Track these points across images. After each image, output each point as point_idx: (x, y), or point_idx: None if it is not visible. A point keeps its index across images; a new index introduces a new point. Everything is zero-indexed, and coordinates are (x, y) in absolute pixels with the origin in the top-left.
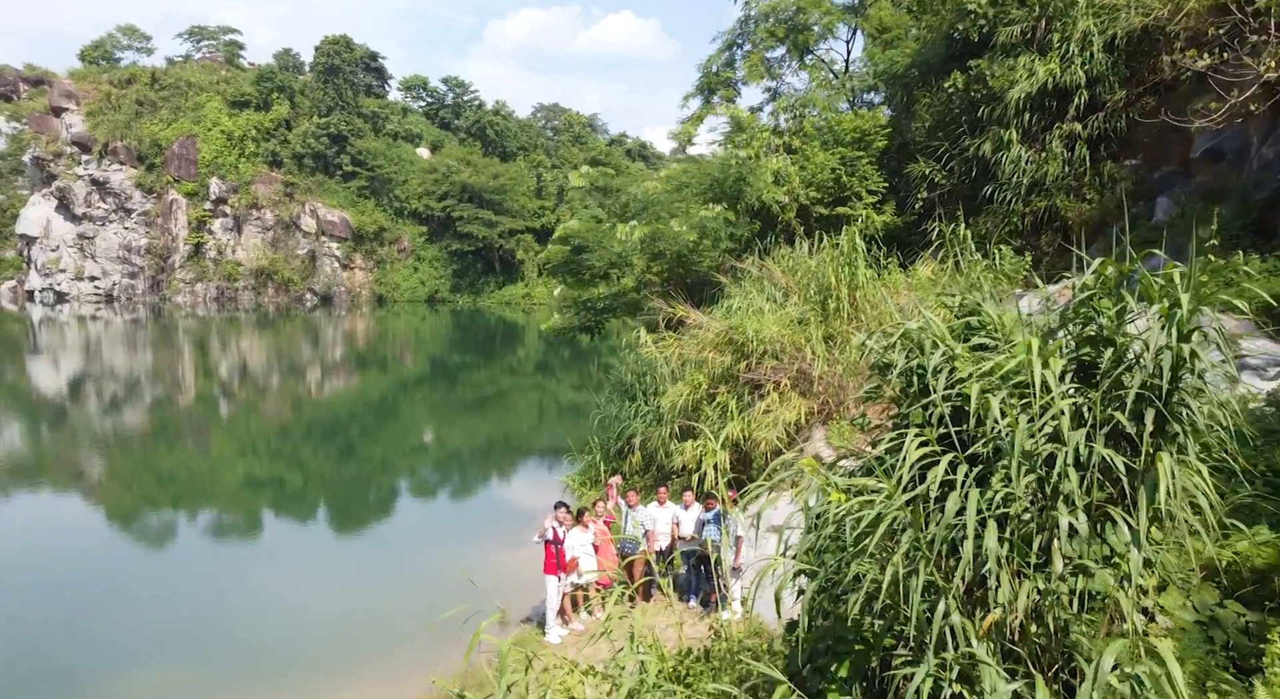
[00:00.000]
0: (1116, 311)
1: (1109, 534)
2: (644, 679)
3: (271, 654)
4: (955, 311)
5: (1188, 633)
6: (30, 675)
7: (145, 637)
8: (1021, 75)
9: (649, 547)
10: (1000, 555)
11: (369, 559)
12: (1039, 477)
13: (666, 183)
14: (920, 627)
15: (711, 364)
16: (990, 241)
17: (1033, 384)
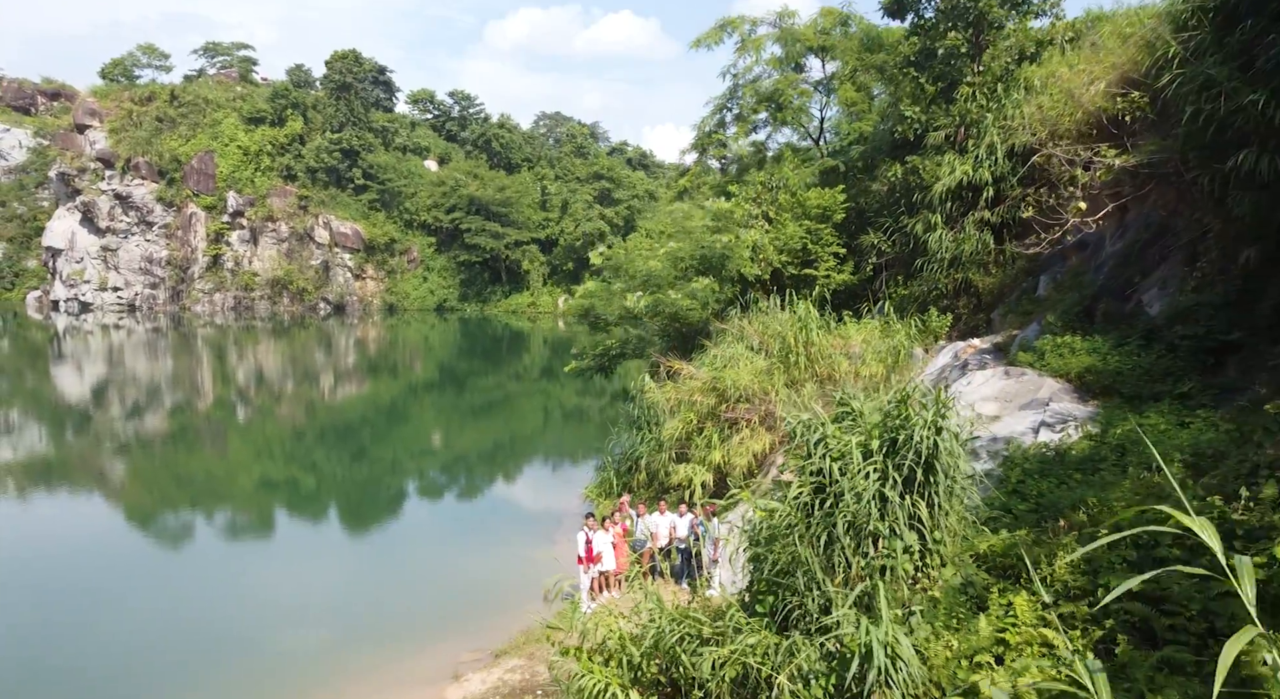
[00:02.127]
0: (904, 417)
1: (905, 535)
2: (655, 618)
3: (366, 623)
4: (837, 404)
5: (954, 589)
6: (70, 670)
7: (200, 628)
8: (945, 171)
9: (653, 544)
10: (844, 543)
11: (424, 552)
12: (857, 506)
13: (667, 260)
14: (804, 582)
15: (699, 405)
16: (923, 302)
17: (852, 455)
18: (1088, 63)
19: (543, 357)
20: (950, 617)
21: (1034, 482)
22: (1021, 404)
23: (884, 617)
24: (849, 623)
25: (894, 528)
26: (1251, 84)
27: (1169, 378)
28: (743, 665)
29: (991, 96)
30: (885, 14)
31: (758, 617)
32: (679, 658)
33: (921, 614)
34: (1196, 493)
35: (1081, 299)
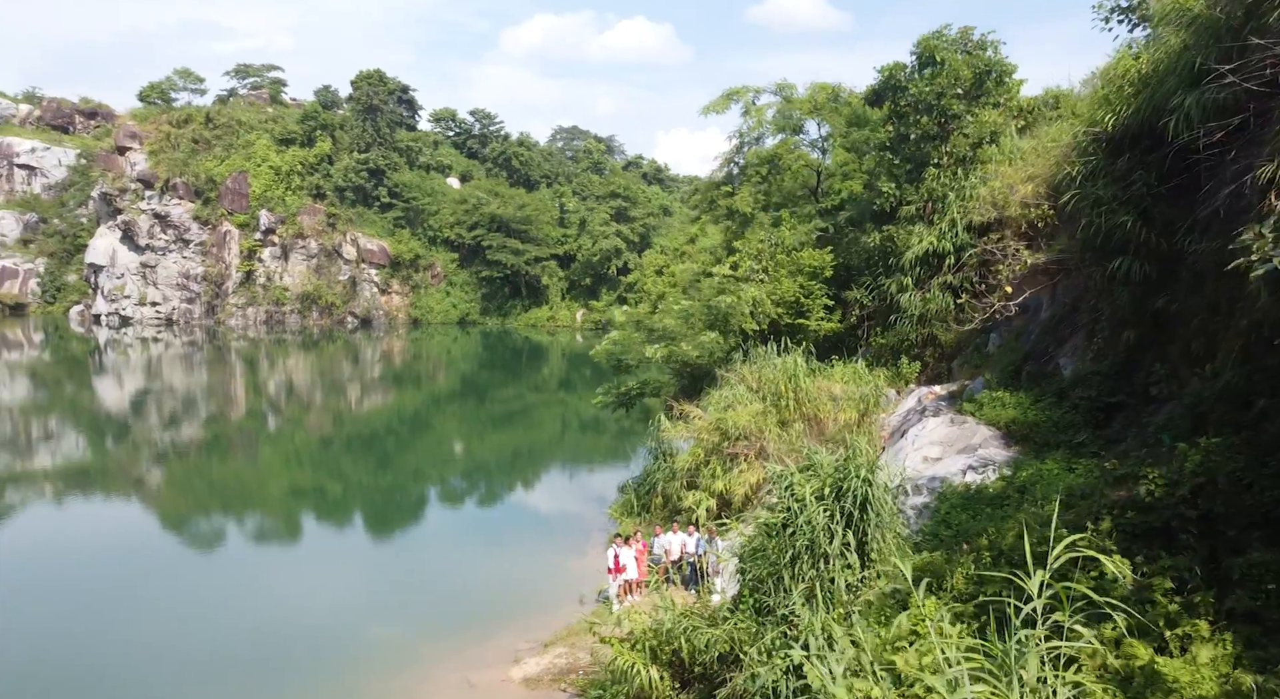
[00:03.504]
0: (844, 468)
1: (848, 555)
2: (670, 615)
3: (433, 619)
4: (805, 458)
5: (884, 594)
6: (127, 667)
7: (258, 627)
8: (915, 241)
9: (666, 558)
10: (803, 560)
11: (471, 560)
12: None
13: (680, 317)
14: (774, 587)
15: (705, 441)
16: (897, 350)
17: (807, 499)
18: (1016, 170)
19: (561, 369)
20: (880, 615)
21: (956, 514)
22: (959, 449)
23: (820, 609)
24: (800, 613)
25: (842, 550)
26: (1126, 206)
27: (1070, 430)
28: (728, 644)
29: (953, 178)
30: (866, 102)
31: (740, 611)
32: (684, 641)
33: (859, 613)
34: (1060, 524)
35: (1013, 360)
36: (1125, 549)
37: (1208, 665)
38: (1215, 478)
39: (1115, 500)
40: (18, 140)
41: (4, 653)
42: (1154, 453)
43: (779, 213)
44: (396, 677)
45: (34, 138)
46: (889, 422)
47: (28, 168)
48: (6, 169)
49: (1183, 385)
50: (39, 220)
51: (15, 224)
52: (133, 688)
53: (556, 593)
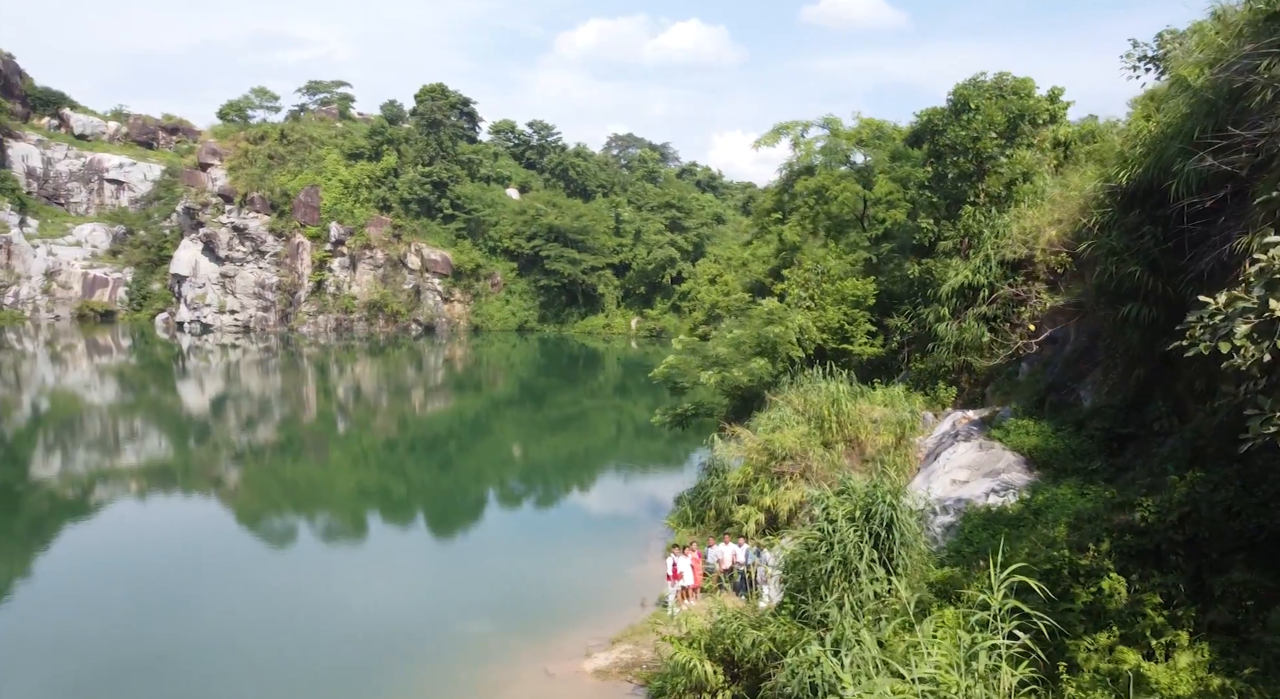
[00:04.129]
0: (873, 494)
1: (875, 569)
2: (722, 618)
3: (512, 616)
4: (843, 482)
5: (909, 603)
6: (208, 654)
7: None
8: (951, 274)
9: (719, 567)
10: (835, 574)
11: (540, 564)
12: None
13: (731, 345)
14: (811, 596)
15: (754, 460)
16: (934, 375)
17: (839, 520)
18: (1043, 214)
19: (616, 375)
20: (905, 621)
21: (977, 533)
22: (985, 472)
23: (849, 615)
24: (833, 619)
25: (869, 565)
26: (1136, 256)
27: (1085, 457)
28: (771, 644)
29: (988, 216)
30: (907, 143)
31: (781, 616)
32: (734, 641)
33: (886, 619)
34: (1065, 544)
35: (1038, 390)
36: (1121, 568)
37: (1186, 670)
38: (1199, 507)
39: (1114, 524)
40: (108, 156)
41: (107, 638)
42: (1157, 482)
43: (826, 242)
44: (484, 667)
45: (122, 153)
46: (925, 444)
47: (116, 182)
48: (97, 184)
49: (1187, 420)
50: (126, 232)
51: (105, 236)
52: (227, 675)
53: (620, 596)
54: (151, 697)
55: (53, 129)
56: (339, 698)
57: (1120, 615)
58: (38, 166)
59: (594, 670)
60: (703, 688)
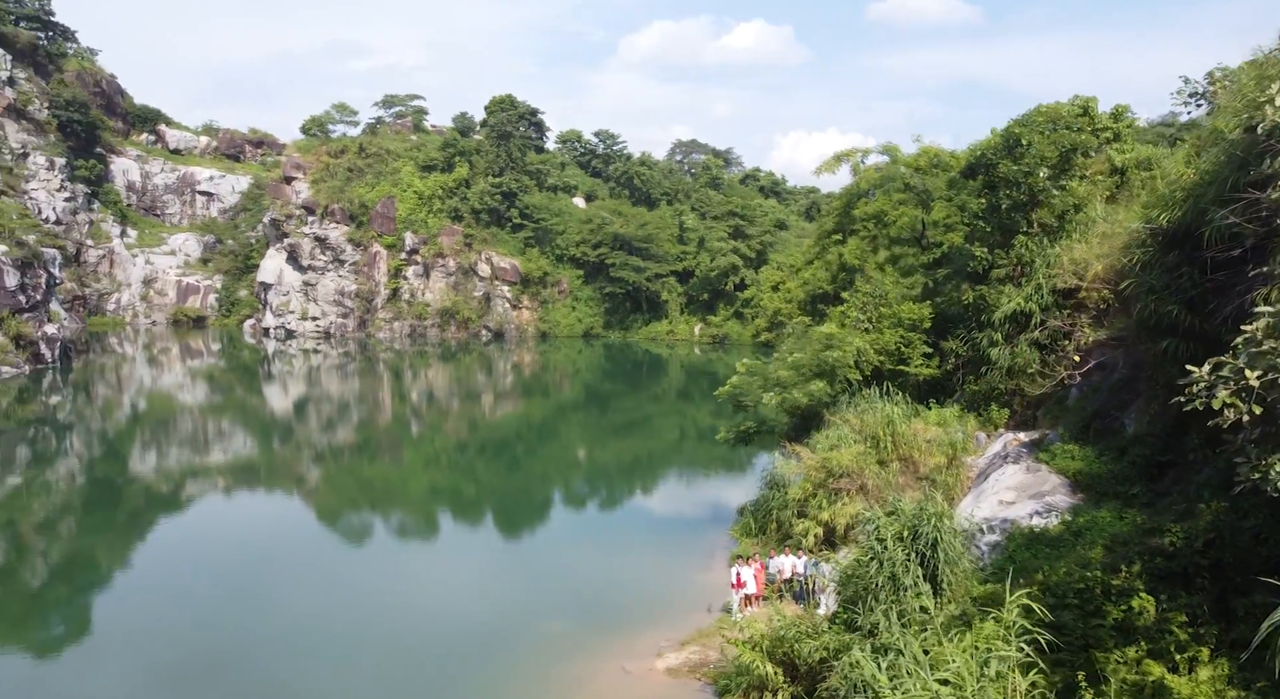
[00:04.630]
0: (920, 515)
1: (920, 585)
2: (782, 624)
3: (589, 616)
4: (893, 503)
5: (953, 616)
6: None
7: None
8: (1004, 301)
9: (780, 577)
10: (885, 588)
11: (614, 568)
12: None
13: (792, 368)
14: (862, 608)
15: (813, 477)
16: (987, 397)
17: (888, 539)
18: (1091, 249)
19: (679, 380)
20: (949, 631)
21: (1020, 552)
22: (1031, 494)
23: (896, 626)
24: (881, 628)
25: (914, 581)
26: (1174, 295)
27: (1126, 482)
28: (825, 650)
29: (1040, 246)
30: (962, 174)
31: (835, 625)
32: (793, 646)
33: (932, 631)
34: (1099, 565)
35: (1084, 416)
36: (1151, 588)
37: (1206, 683)
38: (1224, 534)
39: (1146, 548)
40: (199, 169)
41: (196, 627)
42: (1191, 508)
43: (883, 266)
44: (566, 663)
45: (212, 166)
46: (977, 464)
47: (207, 194)
48: (189, 196)
49: (1221, 450)
50: (215, 241)
51: (197, 245)
52: (311, 666)
53: (688, 600)
54: (238, 685)
55: (150, 144)
56: (431, 690)
57: (1148, 631)
58: (137, 180)
59: (666, 669)
60: (764, 687)
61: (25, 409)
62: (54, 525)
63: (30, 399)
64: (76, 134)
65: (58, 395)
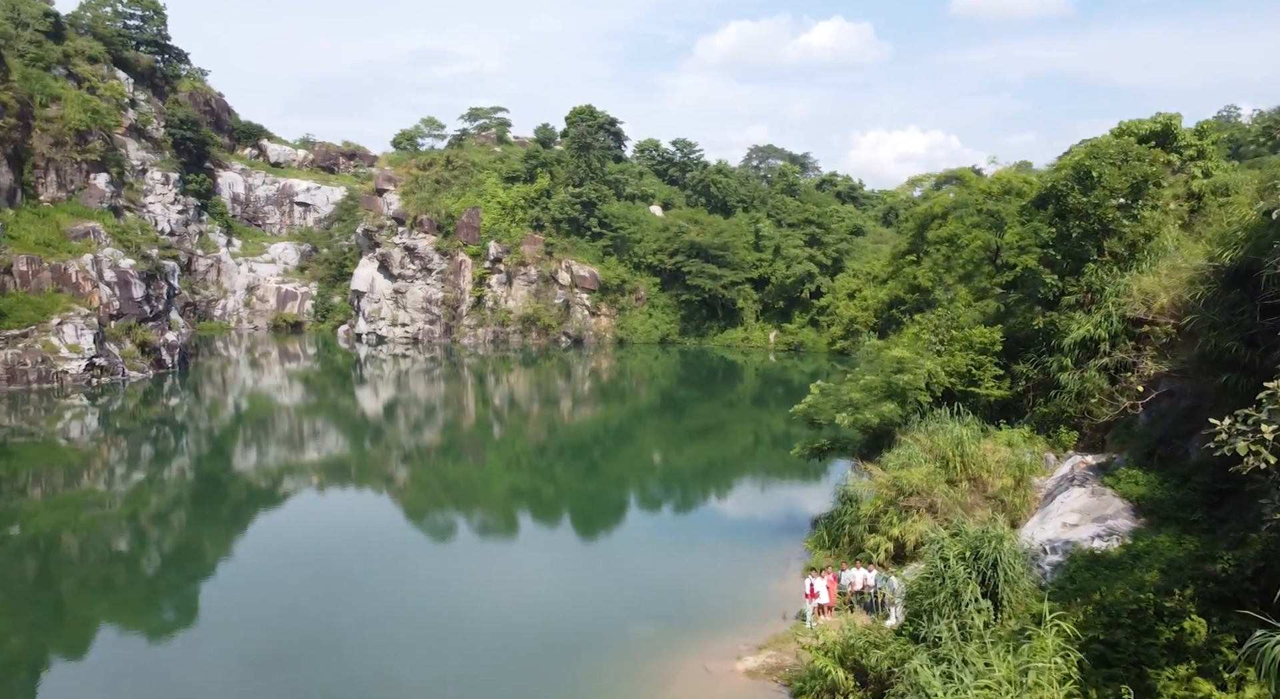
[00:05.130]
0: (981, 537)
1: (983, 604)
2: (852, 633)
3: (674, 619)
4: (957, 525)
5: (1012, 631)
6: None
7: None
8: (1074, 327)
9: (851, 589)
10: (948, 604)
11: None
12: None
13: (864, 390)
14: (927, 621)
15: (884, 494)
16: (1057, 419)
17: (951, 558)
18: (1158, 281)
19: (754, 387)
20: (1009, 645)
21: (1080, 573)
22: (1094, 518)
23: (957, 639)
24: (944, 641)
25: (974, 598)
26: (1235, 331)
27: (1187, 508)
28: (891, 659)
29: (1110, 274)
30: (1034, 204)
31: (902, 636)
32: (862, 654)
33: (992, 643)
34: (1153, 588)
35: (1149, 442)
36: (1203, 611)
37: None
38: (1272, 562)
39: (1200, 573)
40: (297, 181)
41: (287, 614)
42: (1245, 537)
43: (954, 287)
44: (652, 661)
45: (308, 178)
46: (1045, 485)
47: (304, 204)
48: (288, 206)
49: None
50: (311, 250)
51: (294, 254)
52: (402, 658)
53: (764, 607)
54: (332, 674)
55: (253, 158)
56: (526, 682)
57: (1198, 651)
58: (241, 192)
59: (745, 670)
60: (836, 691)
61: (149, 411)
62: (169, 518)
63: (153, 401)
64: (189, 150)
65: (176, 398)
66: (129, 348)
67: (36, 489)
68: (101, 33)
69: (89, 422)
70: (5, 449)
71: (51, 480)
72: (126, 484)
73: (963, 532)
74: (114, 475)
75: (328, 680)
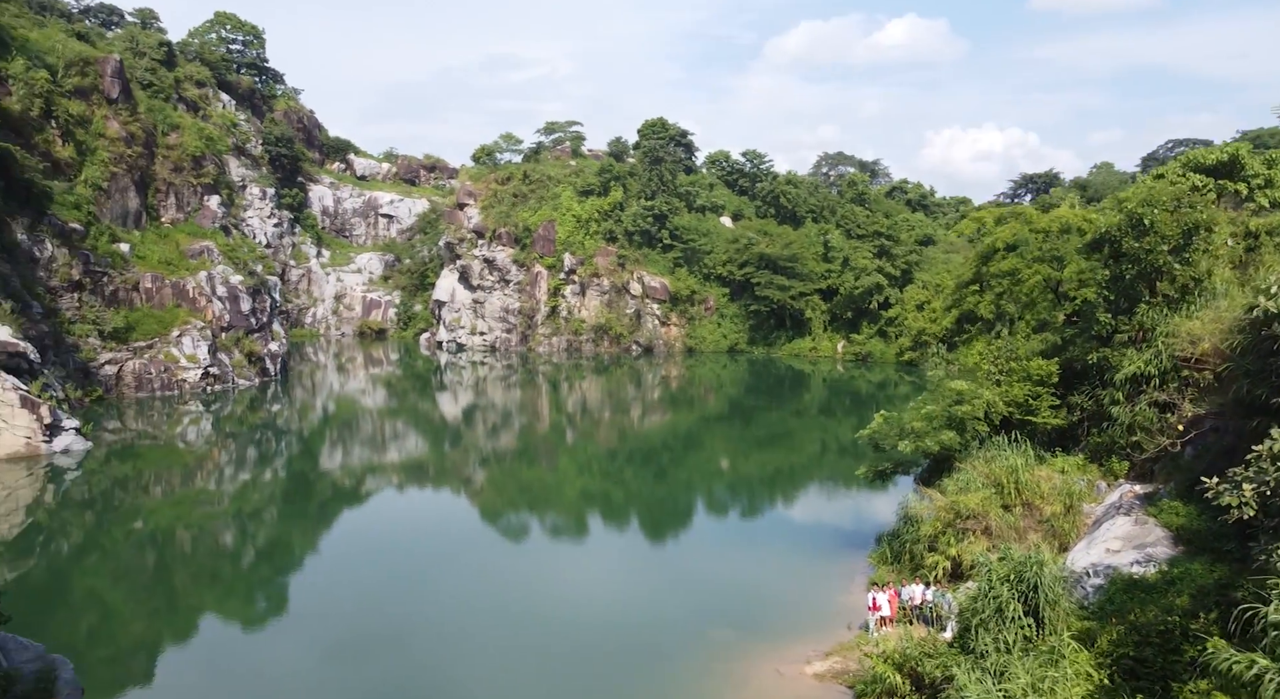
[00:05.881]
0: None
1: (1026, 622)
2: (910, 644)
3: (748, 624)
4: (1003, 550)
5: (1051, 648)
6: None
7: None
8: (1126, 363)
9: (910, 604)
10: (993, 619)
11: (767, 585)
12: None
13: (925, 419)
14: (976, 635)
15: (943, 516)
16: (1109, 449)
17: (995, 580)
18: (1203, 325)
19: (821, 396)
20: (1048, 657)
21: (1119, 595)
22: (1135, 545)
23: (1002, 652)
24: (989, 653)
25: (1016, 616)
26: (1264, 380)
27: (1221, 539)
28: (942, 668)
29: (1161, 314)
30: (1089, 247)
31: (953, 649)
32: (918, 662)
33: (1034, 657)
34: (1182, 610)
35: (1192, 475)
36: (1224, 632)
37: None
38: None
39: (1224, 599)
40: (382, 194)
41: (361, 609)
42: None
43: (1013, 320)
44: (729, 663)
45: (391, 191)
46: (1094, 511)
47: (387, 216)
48: (373, 218)
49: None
50: (395, 260)
51: (379, 263)
52: (480, 658)
53: (831, 618)
54: (413, 668)
55: (340, 172)
56: (610, 679)
57: (1218, 669)
58: (330, 205)
59: (813, 674)
60: (894, 694)
61: (254, 416)
62: (267, 515)
63: (259, 407)
64: (283, 166)
65: (278, 403)
66: (238, 357)
67: (157, 488)
68: (208, 58)
69: (204, 426)
70: (133, 451)
71: (170, 480)
72: (233, 484)
73: (1009, 556)
74: (223, 476)
75: (413, 674)
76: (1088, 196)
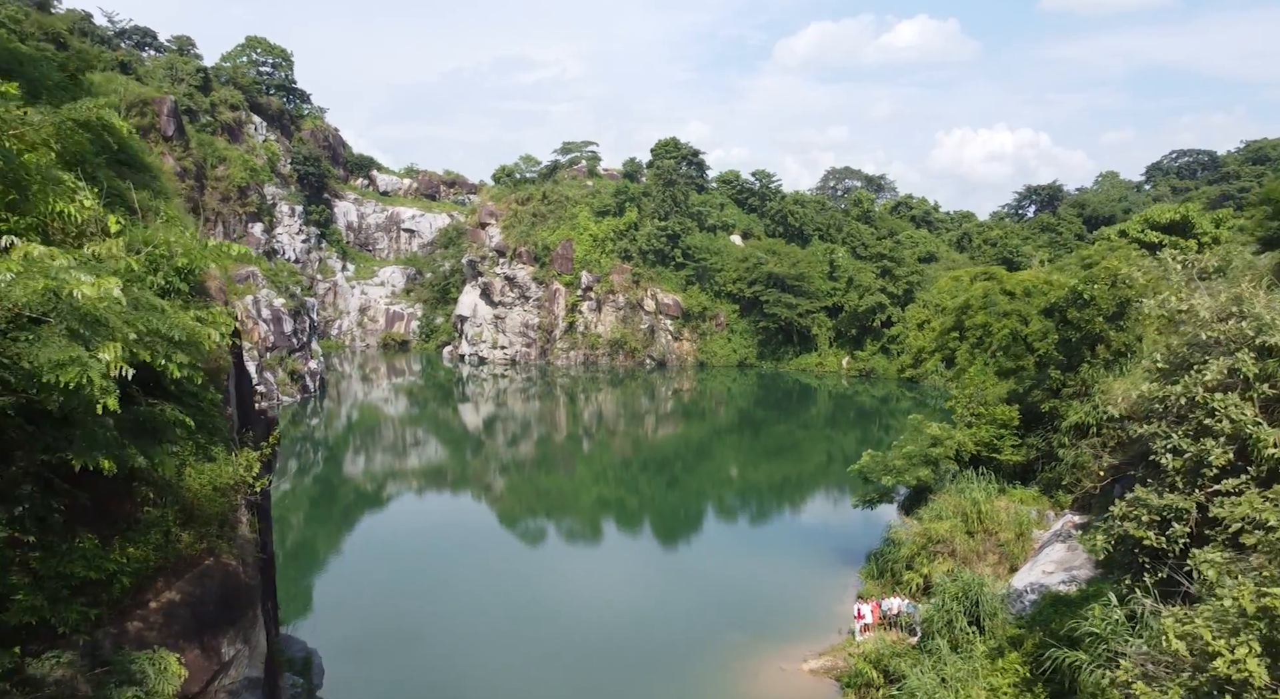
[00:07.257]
0: (969, 583)
1: (969, 630)
2: (884, 645)
3: (752, 626)
4: (955, 573)
5: (991, 649)
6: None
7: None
8: (1071, 413)
9: (890, 614)
10: (943, 631)
11: (768, 591)
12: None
13: (905, 457)
14: (931, 641)
15: (917, 541)
16: (1058, 484)
17: (946, 597)
18: (1121, 387)
19: (827, 409)
20: (986, 661)
21: (1045, 609)
22: (1065, 567)
23: (943, 654)
24: (942, 656)
25: (963, 625)
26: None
27: (1128, 565)
28: (905, 664)
29: (1099, 374)
30: (1042, 313)
31: (916, 650)
32: (889, 661)
33: (971, 659)
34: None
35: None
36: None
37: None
38: None
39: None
40: (404, 209)
41: (380, 607)
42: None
43: (986, 364)
44: (737, 662)
45: (413, 206)
46: (1041, 538)
47: (409, 231)
48: (395, 233)
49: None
50: (416, 273)
51: (401, 277)
52: (498, 658)
53: (825, 624)
54: (439, 669)
55: (364, 188)
56: (628, 676)
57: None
58: (354, 221)
59: (810, 670)
60: (870, 685)
61: (296, 430)
62: (298, 520)
63: (300, 422)
64: (310, 183)
65: (317, 418)
66: (281, 376)
67: None
68: (240, 82)
69: None
70: None
71: None
72: (275, 492)
73: (960, 577)
74: (271, 484)
75: (434, 668)
76: (1085, 215)
